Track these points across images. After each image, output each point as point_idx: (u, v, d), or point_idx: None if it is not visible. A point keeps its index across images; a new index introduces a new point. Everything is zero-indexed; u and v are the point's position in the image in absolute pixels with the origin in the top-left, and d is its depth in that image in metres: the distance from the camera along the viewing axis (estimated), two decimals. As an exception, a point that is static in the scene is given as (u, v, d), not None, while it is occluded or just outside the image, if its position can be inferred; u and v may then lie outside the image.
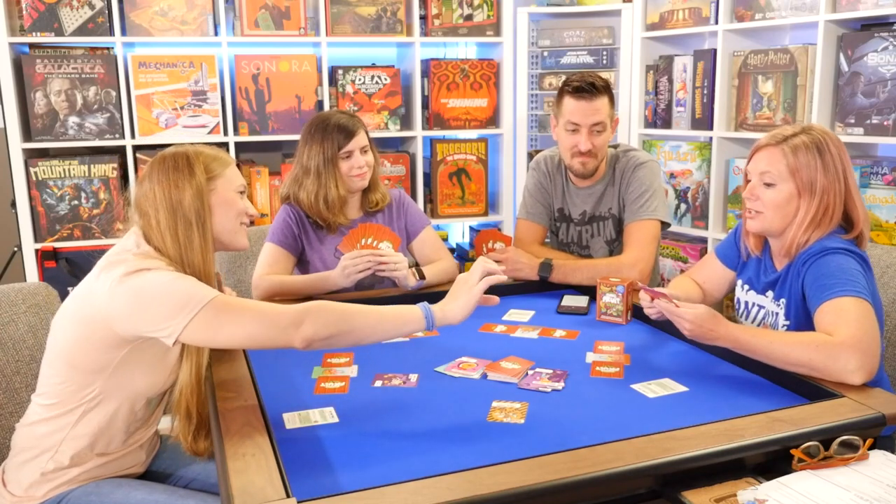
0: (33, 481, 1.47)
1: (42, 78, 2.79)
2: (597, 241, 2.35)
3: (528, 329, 1.87)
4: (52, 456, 1.47)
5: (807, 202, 1.59)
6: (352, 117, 2.18)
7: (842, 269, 1.52)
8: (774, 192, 1.61)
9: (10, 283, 1.78)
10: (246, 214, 1.59)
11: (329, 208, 2.16)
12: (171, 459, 1.68)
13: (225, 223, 1.55)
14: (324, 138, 2.12)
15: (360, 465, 1.21)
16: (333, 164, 2.12)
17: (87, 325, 1.41)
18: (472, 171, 3.31)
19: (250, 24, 2.96)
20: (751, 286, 1.78)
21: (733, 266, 1.87)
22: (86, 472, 1.49)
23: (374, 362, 1.66)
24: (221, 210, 1.54)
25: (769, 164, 1.61)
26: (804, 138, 1.59)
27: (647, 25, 3.25)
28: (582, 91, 2.15)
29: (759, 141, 1.67)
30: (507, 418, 1.36)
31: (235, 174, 1.58)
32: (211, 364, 1.58)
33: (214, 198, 1.53)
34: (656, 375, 1.55)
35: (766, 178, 1.62)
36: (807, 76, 2.66)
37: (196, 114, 2.94)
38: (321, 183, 2.13)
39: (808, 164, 1.58)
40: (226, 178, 1.55)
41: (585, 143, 2.18)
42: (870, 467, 1.18)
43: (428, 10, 3.16)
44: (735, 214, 2.97)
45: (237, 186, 1.58)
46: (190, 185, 1.48)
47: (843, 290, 1.49)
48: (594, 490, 1.12)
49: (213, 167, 1.53)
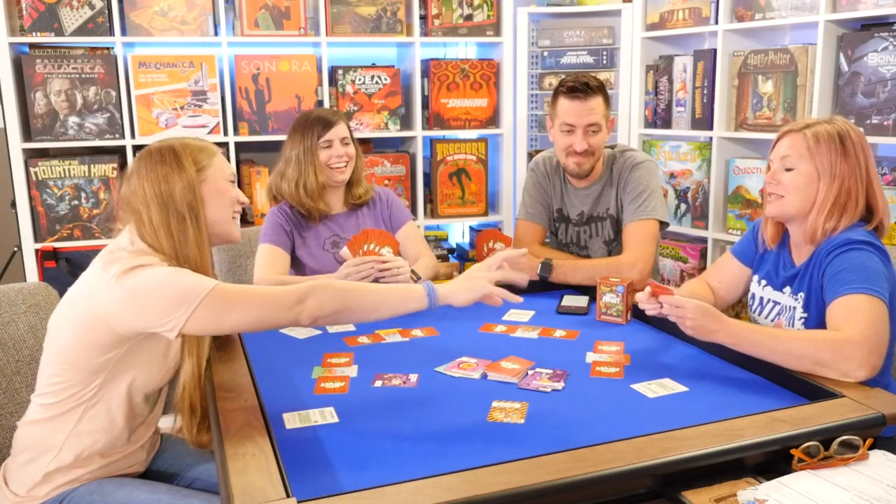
0: (36, 481, 1.46)
1: (42, 78, 2.79)
2: (595, 242, 2.35)
3: (528, 329, 1.87)
4: (55, 456, 1.46)
5: (826, 185, 1.60)
6: (334, 111, 2.25)
7: (863, 267, 1.53)
8: (794, 175, 1.63)
9: (10, 283, 1.78)
10: (238, 202, 1.58)
11: (309, 195, 2.19)
12: (173, 459, 1.68)
13: (218, 213, 1.54)
14: (304, 129, 2.19)
15: (360, 465, 1.21)
16: (313, 152, 2.18)
17: (85, 326, 1.40)
18: (472, 171, 3.31)
19: (250, 24, 2.96)
20: (768, 281, 1.78)
21: (749, 262, 1.86)
22: (89, 472, 1.49)
23: (374, 362, 1.66)
24: (214, 200, 1.52)
25: (790, 149, 1.64)
26: (826, 126, 1.62)
27: (647, 25, 3.24)
28: (576, 91, 2.16)
29: (781, 129, 1.70)
30: (507, 418, 1.36)
31: (224, 163, 1.57)
32: (210, 363, 1.58)
33: (206, 189, 1.51)
34: (656, 375, 1.55)
35: (786, 162, 1.64)
36: (807, 76, 2.66)
37: (196, 114, 2.94)
38: (301, 170, 2.19)
39: (828, 149, 1.60)
40: (215, 167, 1.54)
41: (581, 144, 2.18)
42: (870, 467, 1.18)
43: (428, 10, 3.16)
44: (735, 214, 2.97)
45: (227, 175, 1.56)
46: (180, 177, 1.47)
47: (859, 287, 1.50)
48: (594, 490, 1.12)
49: (200, 158, 1.51)
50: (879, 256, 1.56)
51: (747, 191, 2.92)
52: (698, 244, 3.13)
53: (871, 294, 1.49)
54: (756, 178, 2.88)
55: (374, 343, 1.80)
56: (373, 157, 3.18)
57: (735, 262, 1.89)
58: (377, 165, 3.18)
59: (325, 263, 2.22)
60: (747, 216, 2.92)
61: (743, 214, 2.94)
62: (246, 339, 1.75)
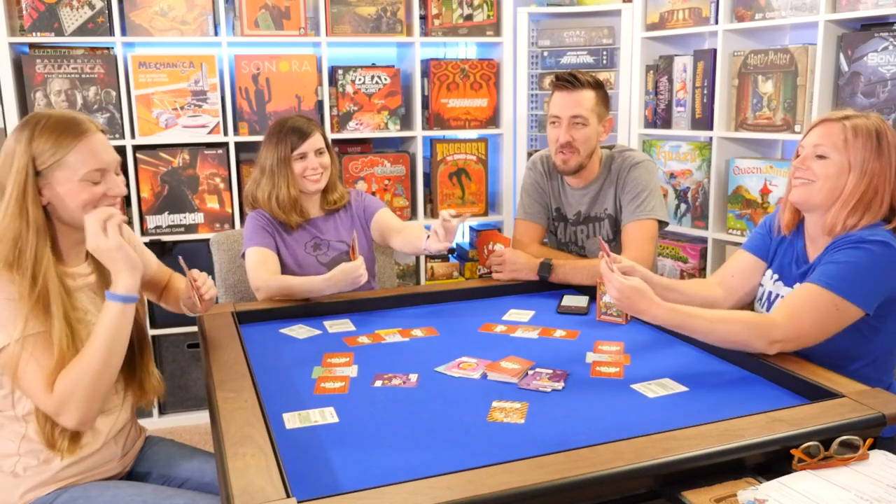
0: (12, 487, 1.45)
1: (42, 78, 2.79)
2: (593, 242, 2.35)
3: (528, 329, 1.87)
4: (18, 460, 1.45)
5: (855, 180, 1.59)
6: (309, 121, 2.23)
7: (855, 268, 1.53)
8: (826, 164, 1.61)
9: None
10: (106, 197, 1.43)
11: (281, 207, 2.19)
12: (164, 460, 1.67)
13: (76, 217, 1.41)
14: (279, 139, 2.18)
15: (360, 465, 1.21)
16: (287, 164, 2.17)
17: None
18: (472, 171, 3.31)
19: (250, 24, 2.96)
20: (780, 276, 1.76)
21: (765, 255, 1.82)
22: (63, 468, 1.46)
23: (374, 362, 1.66)
24: (61, 205, 1.41)
25: (825, 137, 1.61)
26: (864, 121, 1.61)
27: (647, 25, 3.25)
28: (564, 82, 2.16)
29: (818, 117, 1.69)
30: (507, 418, 1.36)
31: (82, 156, 1.40)
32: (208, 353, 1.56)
33: (49, 192, 1.40)
34: (656, 375, 1.55)
35: (819, 150, 1.62)
36: (807, 76, 2.66)
37: (196, 114, 2.94)
38: (274, 183, 2.18)
39: (864, 144, 1.58)
40: (66, 166, 1.40)
41: (563, 136, 2.17)
42: (870, 467, 1.18)
43: (428, 10, 3.16)
44: (735, 214, 2.97)
45: (83, 174, 1.41)
46: (17, 165, 1.36)
47: (827, 282, 1.52)
48: (594, 490, 1.12)
49: (53, 153, 1.38)
50: (887, 259, 1.54)
51: (747, 191, 2.92)
52: (698, 244, 3.13)
53: (832, 291, 1.51)
54: (756, 178, 2.88)
55: (374, 343, 1.80)
56: (373, 157, 3.18)
57: (749, 257, 1.83)
58: (377, 165, 3.18)
59: (307, 266, 2.23)
60: (747, 216, 2.92)
61: (743, 214, 2.94)
62: (246, 339, 1.75)
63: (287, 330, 1.90)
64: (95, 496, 1.46)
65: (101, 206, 1.43)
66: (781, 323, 1.53)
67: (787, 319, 1.54)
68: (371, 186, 3.18)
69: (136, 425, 1.66)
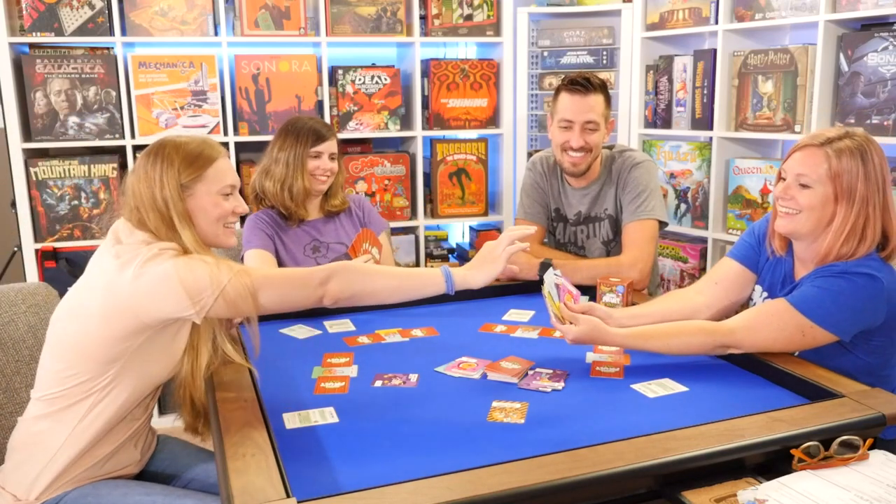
0: (32, 480, 1.45)
1: (42, 78, 2.79)
2: (593, 242, 2.35)
3: (528, 329, 1.87)
4: (54, 455, 1.45)
5: (844, 209, 1.53)
6: (327, 126, 2.27)
7: (833, 294, 1.51)
8: (810, 194, 1.55)
9: (10, 283, 1.78)
10: (233, 214, 1.54)
11: (293, 198, 2.22)
12: (170, 460, 1.68)
13: (205, 228, 1.51)
14: (298, 135, 2.22)
15: (360, 465, 1.21)
16: (303, 159, 2.20)
17: (104, 316, 1.39)
18: (472, 171, 3.31)
19: (250, 24, 2.96)
20: (770, 294, 1.73)
21: (754, 266, 1.78)
22: (85, 470, 1.48)
23: (374, 362, 1.66)
24: (200, 215, 1.49)
25: (808, 166, 1.55)
26: (848, 143, 1.53)
27: (647, 25, 3.24)
28: (577, 86, 2.16)
29: (799, 141, 1.62)
30: (507, 418, 1.36)
31: (220, 173, 1.51)
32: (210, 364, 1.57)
33: (192, 203, 1.48)
34: (656, 375, 1.55)
35: (802, 179, 1.55)
36: (807, 76, 2.66)
37: (196, 114, 2.94)
38: (289, 173, 2.21)
39: (849, 170, 1.51)
40: (207, 180, 1.49)
41: (577, 140, 2.17)
42: (870, 467, 1.18)
43: (428, 10, 3.16)
44: (735, 214, 2.97)
45: (221, 188, 1.51)
46: (169, 185, 1.45)
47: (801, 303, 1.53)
48: (594, 490, 1.12)
49: (191, 170, 1.47)
50: (869, 292, 1.50)
51: (747, 191, 2.92)
52: (698, 244, 3.13)
53: (802, 314, 1.52)
54: (756, 178, 2.88)
55: (374, 343, 1.80)
56: (373, 157, 3.18)
57: (735, 265, 1.79)
58: (377, 165, 3.18)
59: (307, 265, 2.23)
60: (747, 216, 2.92)
61: (743, 214, 2.94)
62: (246, 338, 1.75)
63: (287, 330, 1.90)
64: (105, 494, 1.46)
65: (229, 221, 1.54)
66: (736, 331, 1.56)
67: (743, 329, 1.56)
68: (371, 186, 3.18)
69: (151, 429, 1.68)
